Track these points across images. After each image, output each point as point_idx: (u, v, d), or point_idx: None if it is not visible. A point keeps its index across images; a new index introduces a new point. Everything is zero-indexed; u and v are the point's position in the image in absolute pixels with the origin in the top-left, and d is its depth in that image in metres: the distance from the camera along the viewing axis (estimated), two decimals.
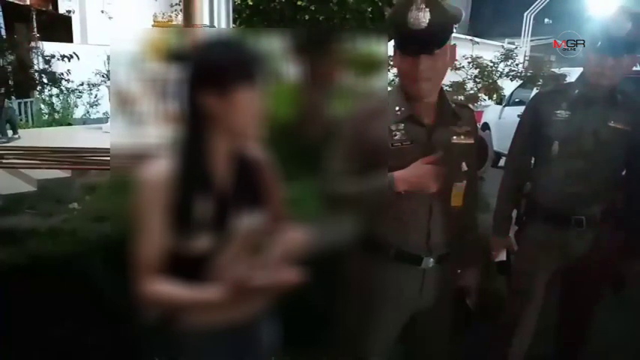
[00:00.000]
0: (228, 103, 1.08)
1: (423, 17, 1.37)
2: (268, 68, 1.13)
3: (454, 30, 1.49)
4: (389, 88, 1.60)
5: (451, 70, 7.38)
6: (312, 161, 1.42)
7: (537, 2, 18.05)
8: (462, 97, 6.67)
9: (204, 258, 1.12)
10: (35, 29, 10.20)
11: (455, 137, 1.56)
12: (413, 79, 1.46)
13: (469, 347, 2.49)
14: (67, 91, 10.50)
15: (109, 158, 1.19)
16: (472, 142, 1.60)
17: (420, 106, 1.52)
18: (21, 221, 4.63)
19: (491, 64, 7.97)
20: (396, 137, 1.49)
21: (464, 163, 1.57)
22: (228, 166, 1.16)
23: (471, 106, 1.69)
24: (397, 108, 1.51)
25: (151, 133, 1.15)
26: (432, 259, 1.59)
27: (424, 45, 1.41)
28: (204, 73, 1.08)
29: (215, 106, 1.08)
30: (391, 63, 1.60)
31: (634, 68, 1.94)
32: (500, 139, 7.06)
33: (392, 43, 1.51)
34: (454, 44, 1.51)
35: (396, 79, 1.64)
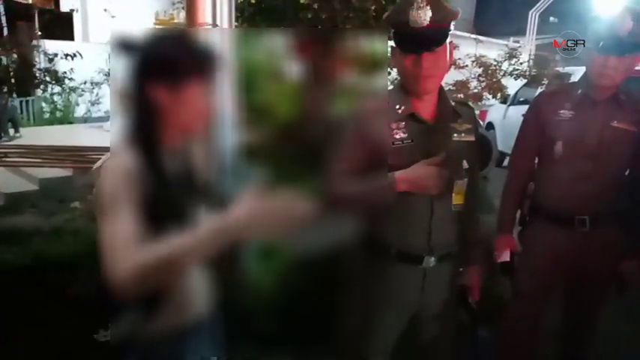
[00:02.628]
0: (177, 98, 1.07)
1: (424, 15, 1.38)
2: (220, 67, 1.11)
3: (452, 27, 1.50)
4: (390, 87, 1.60)
5: (455, 68, 7.36)
6: (313, 161, 1.41)
7: (542, 0, 17.97)
8: (461, 95, 6.65)
9: None
10: (37, 28, 10.21)
11: (455, 135, 1.57)
12: (416, 77, 1.47)
13: (472, 349, 2.48)
14: (70, 89, 10.51)
15: None
16: (473, 139, 1.60)
17: (421, 104, 1.53)
18: (23, 220, 4.66)
19: (495, 63, 7.93)
20: (397, 135, 1.50)
21: (465, 161, 1.56)
22: (179, 163, 1.15)
23: (474, 105, 1.69)
24: (398, 106, 1.52)
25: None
26: (433, 259, 1.59)
27: (426, 43, 1.42)
28: (156, 65, 1.06)
29: (165, 101, 1.07)
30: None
31: (637, 68, 1.92)
32: (505, 139, 7.04)
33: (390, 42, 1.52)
34: (451, 41, 1.52)
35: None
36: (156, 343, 1.16)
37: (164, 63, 1.06)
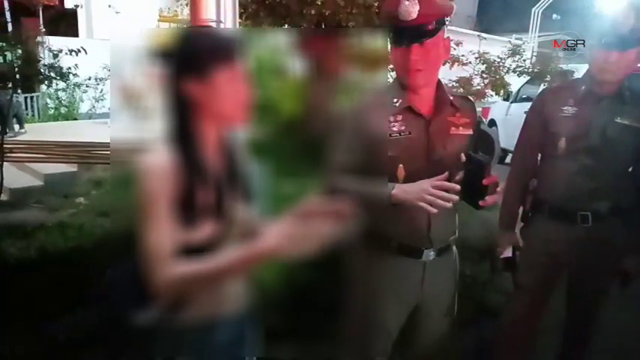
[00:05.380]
0: (209, 87, 1.09)
1: (412, 8, 1.41)
2: (245, 52, 1.14)
3: (446, 22, 1.52)
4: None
5: (458, 65, 7.33)
6: (316, 156, 1.43)
7: None
8: (461, 90, 6.64)
9: (206, 247, 1.12)
10: (42, 24, 10.23)
11: (453, 128, 1.58)
12: (405, 69, 1.49)
13: (475, 343, 2.49)
14: (74, 85, 10.53)
15: None
16: (471, 133, 1.61)
17: (418, 98, 1.55)
18: (29, 215, 4.69)
19: (499, 60, 7.90)
20: (395, 128, 1.52)
21: (462, 154, 1.58)
22: (220, 154, 1.17)
23: (477, 101, 1.70)
24: (395, 100, 1.54)
25: (153, 128, 1.15)
26: (432, 252, 1.61)
27: (414, 35, 1.45)
28: (183, 60, 1.09)
29: (197, 92, 1.10)
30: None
31: None
32: (507, 136, 7.03)
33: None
34: (447, 37, 1.54)
35: None
36: (182, 336, 1.18)
37: (189, 57, 1.09)
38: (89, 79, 10.60)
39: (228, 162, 1.19)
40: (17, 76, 4.88)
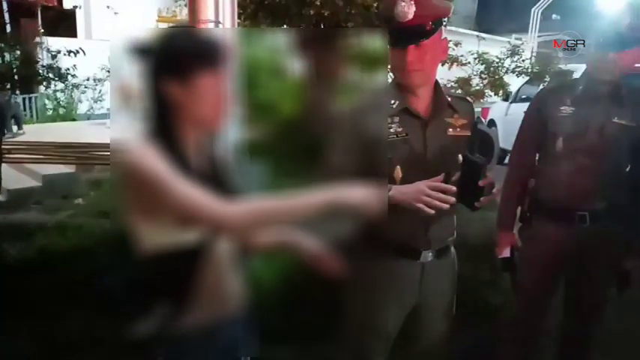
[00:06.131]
0: (189, 90, 1.09)
1: (408, 9, 1.42)
2: (230, 58, 1.13)
3: (443, 22, 1.53)
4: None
5: (457, 65, 7.33)
6: (314, 157, 1.42)
7: None
8: (459, 91, 6.63)
9: (194, 247, 1.12)
10: (40, 25, 10.22)
11: (451, 130, 1.58)
12: (402, 70, 1.50)
13: (473, 345, 2.49)
14: (73, 86, 10.53)
15: None
16: (468, 134, 1.61)
17: (415, 99, 1.55)
18: (27, 216, 4.68)
19: (498, 60, 7.88)
20: (392, 130, 1.52)
21: (460, 156, 1.58)
22: (202, 156, 1.17)
23: (476, 102, 1.71)
24: (392, 101, 1.54)
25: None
26: (430, 253, 1.61)
27: (411, 36, 1.45)
28: (165, 60, 1.08)
29: (178, 95, 1.09)
30: None
31: (638, 65, 1.93)
32: (507, 136, 7.03)
33: None
34: (445, 37, 1.54)
35: None
36: (183, 340, 1.17)
37: (172, 58, 1.08)
38: (87, 79, 10.61)
39: (212, 164, 1.18)
40: (15, 77, 4.88)
